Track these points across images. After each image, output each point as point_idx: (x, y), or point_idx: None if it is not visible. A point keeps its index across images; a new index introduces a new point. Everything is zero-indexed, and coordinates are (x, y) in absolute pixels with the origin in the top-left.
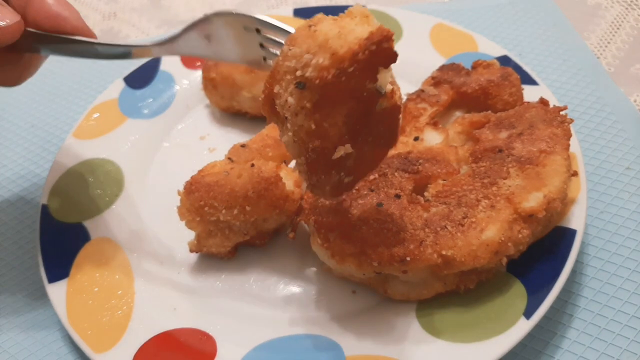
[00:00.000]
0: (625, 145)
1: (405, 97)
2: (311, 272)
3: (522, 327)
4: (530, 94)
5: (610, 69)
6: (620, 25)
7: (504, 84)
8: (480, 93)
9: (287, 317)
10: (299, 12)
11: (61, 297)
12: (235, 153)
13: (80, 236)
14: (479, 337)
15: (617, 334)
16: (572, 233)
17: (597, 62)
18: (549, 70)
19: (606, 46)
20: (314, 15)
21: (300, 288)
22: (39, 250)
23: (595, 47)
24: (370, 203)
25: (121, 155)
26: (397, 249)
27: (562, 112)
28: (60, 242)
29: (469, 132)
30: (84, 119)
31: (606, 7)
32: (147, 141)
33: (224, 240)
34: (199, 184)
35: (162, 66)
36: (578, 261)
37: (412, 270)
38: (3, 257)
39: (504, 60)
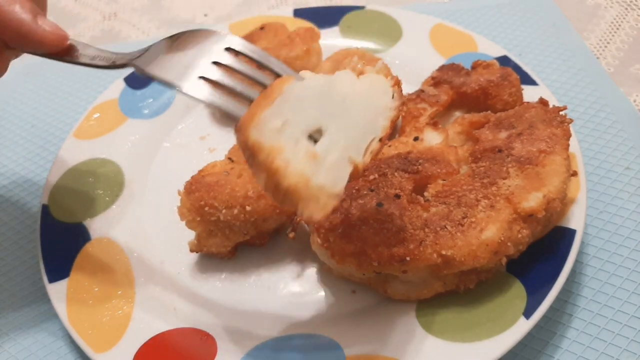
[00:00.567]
0: (624, 145)
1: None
2: (311, 272)
3: (522, 327)
4: (530, 94)
5: (609, 69)
6: (619, 25)
7: (504, 84)
8: (480, 93)
9: (287, 317)
10: (299, 13)
11: (61, 296)
12: (235, 153)
13: (81, 236)
14: (479, 337)
15: (617, 333)
16: (571, 233)
17: (596, 62)
18: (549, 70)
19: (606, 46)
20: (314, 15)
21: (300, 288)
22: (39, 250)
23: (595, 47)
24: (370, 203)
25: (121, 155)
26: (397, 249)
27: (561, 112)
28: (60, 242)
29: (468, 132)
30: (84, 119)
31: (606, 7)
32: (147, 141)
33: (224, 240)
34: (199, 183)
35: None
36: (578, 261)
37: (412, 270)
38: (3, 257)
39: (504, 61)
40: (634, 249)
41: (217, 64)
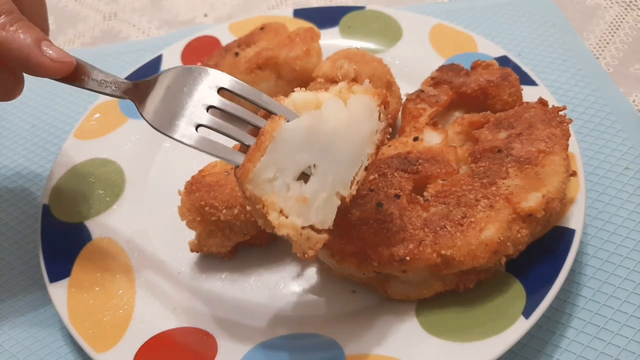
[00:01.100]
0: (624, 145)
1: (405, 97)
2: (311, 272)
3: (521, 327)
4: (530, 94)
5: (609, 69)
6: (619, 25)
7: (503, 84)
8: (480, 93)
9: (287, 316)
10: (299, 13)
11: (62, 296)
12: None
13: (82, 236)
14: (479, 337)
15: (616, 333)
16: (571, 233)
17: (596, 62)
18: (548, 70)
19: (605, 46)
20: (314, 15)
21: (300, 288)
22: (40, 250)
23: (595, 47)
24: (370, 203)
25: (122, 155)
26: (396, 249)
27: (561, 112)
28: (61, 242)
29: (468, 132)
30: (84, 119)
31: (605, 8)
32: (147, 141)
33: (224, 240)
34: (199, 183)
35: (162, 66)
36: (577, 261)
37: (412, 270)
38: (4, 257)
39: (503, 61)
40: (633, 249)
41: (211, 106)
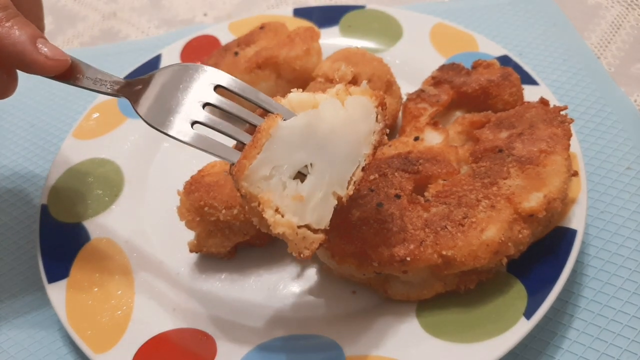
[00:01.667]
0: (625, 145)
1: (405, 97)
2: (311, 273)
3: (523, 328)
4: (531, 93)
5: (610, 68)
6: (620, 25)
7: (504, 84)
8: (481, 93)
9: (287, 317)
10: (299, 12)
11: (61, 297)
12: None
13: (80, 236)
14: (479, 338)
15: (618, 334)
16: (572, 233)
17: (597, 62)
18: (549, 70)
19: (606, 46)
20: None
21: (300, 289)
22: (39, 250)
23: (596, 47)
24: (370, 203)
25: (121, 155)
26: (397, 249)
27: (562, 112)
28: (60, 242)
29: (469, 132)
30: (83, 118)
31: (606, 7)
32: (146, 141)
33: (224, 240)
34: (198, 184)
35: (161, 65)
36: (578, 261)
37: (412, 270)
38: (3, 257)
39: (504, 60)
40: (634, 249)
41: (208, 104)
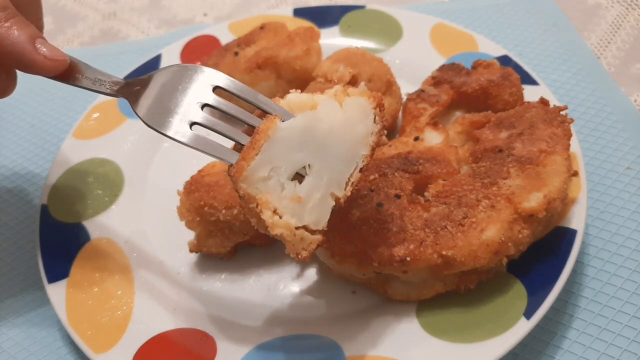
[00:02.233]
0: (625, 145)
1: (405, 97)
2: (311, 273)
3: (523, 328)
4: (531, 93)
5: (610, 68)
6: (620, 25)
7: (504, 84)
8: (481, 93)
9: (287, 317)
10: (299, 12)
11: (61, 297)
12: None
13: (80, 236)
14: (479, 337)
15: (618, 334)
16: (572, 233)
17: (597, 62)
18: (549, 70)
19: (606, 46)
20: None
21: (300, 289)
22: (39, 250)
23: (596, 47)
24: (370, 203)
25: (121, 155)
26: (397, 249)
27: (562, 112)
28: (60, 242)
29: (469, 132)
30: (83, 119)
31: (606, 7)
32: (146, 141)
33: (224, 240)
34: (198, 184)
35: (161, 66)
36: (578, 261)
37: (412, 270)
38: (3, 257)
39: (504, 60)
40: (635, 249)
41: (206, 105)
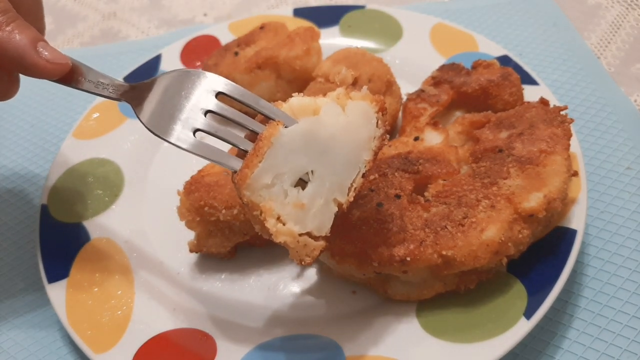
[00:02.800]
0: (625, 145)
1: (405, 97)
2: (311, 273)
3: (523, 328)
4: (531, 93)
5: (610, 68)
6: (620, 25)
7: (504, 84)
8: (481, 93)
9: (287, 317)
10: (299, 12)
11: (61, 297)
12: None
13: (80, 236)
14: (479, 337)
15: (618, 334)
16: (572, 233)
17: (597, 61)
18: (549, 70)
19: (606, 46)
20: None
21: (300, 289)
22: (39, 250)
23: (596, 47)
24: (370, 203)
25: (121, 155)
26: (397, 249)
27: (562, 112)
28: (59, 242)
29: (469, 132)
30: (83, 118)
31: (606, 7)
32: (146, 141)
33: (224, 240)
34: (198, 184)
35: (161, 66)
36: (578, 261)
37: (412, 270)
38: (2, 257)
39: (504, 60)
40: (635, 249)
41: (209, 111)
